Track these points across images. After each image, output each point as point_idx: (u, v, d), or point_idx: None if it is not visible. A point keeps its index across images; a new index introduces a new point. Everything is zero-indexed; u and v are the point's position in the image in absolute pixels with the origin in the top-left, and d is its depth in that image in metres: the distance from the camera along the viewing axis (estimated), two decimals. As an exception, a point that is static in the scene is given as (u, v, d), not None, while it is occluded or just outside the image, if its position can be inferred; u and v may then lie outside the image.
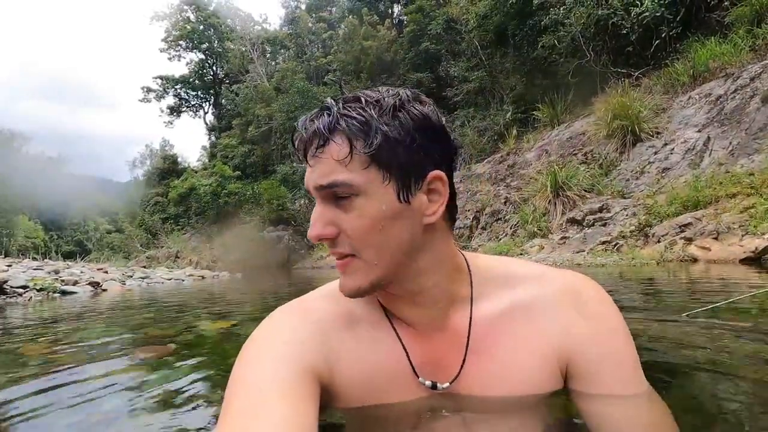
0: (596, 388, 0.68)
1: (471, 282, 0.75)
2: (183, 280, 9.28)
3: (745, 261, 4.74)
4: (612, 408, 0.66)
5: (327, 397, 0.70)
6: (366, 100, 0.63)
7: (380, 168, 0.61)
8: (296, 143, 0.66)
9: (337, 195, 0.62)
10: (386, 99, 0.63)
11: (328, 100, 0.65)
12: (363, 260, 0.65)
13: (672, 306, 2.46)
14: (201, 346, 2.01)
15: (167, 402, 1.17)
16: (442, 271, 0.71)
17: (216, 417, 1.00)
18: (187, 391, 1.27)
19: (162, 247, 25.03)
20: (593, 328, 0.70)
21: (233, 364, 0.66)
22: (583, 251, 7.09)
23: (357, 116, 0.61)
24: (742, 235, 5.18)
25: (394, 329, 0.74)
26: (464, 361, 0.72)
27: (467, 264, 0.76)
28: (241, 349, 0.68)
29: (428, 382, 0.72)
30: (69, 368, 1.60)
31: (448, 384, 0.72)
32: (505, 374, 0.71)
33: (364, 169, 0.61)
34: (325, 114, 0.63)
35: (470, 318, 0.73)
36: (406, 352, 0.73)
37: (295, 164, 22.91)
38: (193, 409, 1.11)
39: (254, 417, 0.55)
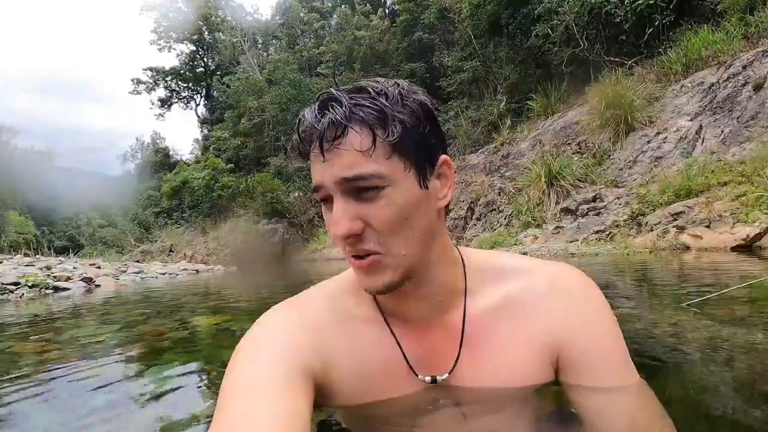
0: (585, 379, 0.68)
1: (465, 275, 0.75)
2: (177, 275, 9.23)
3: (737, 248, 4.79)
4: (601, 400, 0.67)
5: (322, 396, 0.70)
6: (372, 90, 0.62)
7: (401, 156, 0.61)
8: (305, 136, 0.62)
9: (360, 188, 0.60)
10: (389, 88, 0.63)
11: (332, 90, 0.62)
12: (391, 255, 0.63)
13: (665, 294, 2.48)
14: (195, 342, 2.01)
15: (160, 399, 1.17)
16: (445, 263, 0.72)
17: (210, 414, 1.00)
18: (180, 387, 1.27)
19: (156, 241, 24.84)
20: (581, 321, 0.70)
21: (228, 361, 0.66)
22: (577, 240, 7.13)
23: (372, 105, 0.60)
24: (734, 223, 5.22)
25: (388, 326, 0.74)
26: (459, 354, 0.73)
27: (461, 257, 0.77)
28: (236, 348, 0.68)
29: (425, 377, 0.73)
30: (61, 367, 1.59)
31: (444, 377, 0.73)
32: (498, 367, 0.72)
33: (387, 159, 0.60)
34: (335, 104, 0.60)
35: (464, 312, 0.74)
36: (401, 348, 0.73)
37: (289, 157, 22.77)
38: (187, 405, 1.10)
39: (247, 417, 0.55)
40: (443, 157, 0.67)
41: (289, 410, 0.56)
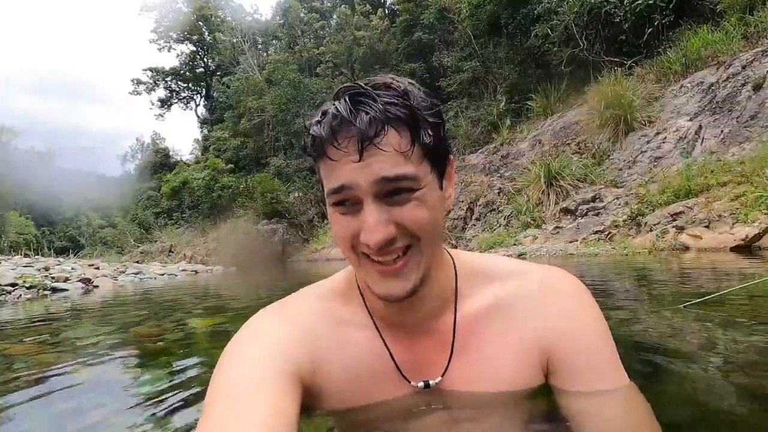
0: (575, 382, 0.68)
1: (456, 278, 0.74)
2: (176, 275, 9.23)
3: (736, 249, 4.79)
4: (591, 403, 0.66)
5: (311, 398, 0.69)
6: (397, 88, 0.59)
7: (429, 159, 0.60)
8: (336, 133, 0.56)
9: (394, 189, 0.57)
10: (408, 86, 0.61)
11: (358, 83, 0.59)
12: (419, 249, 0.61)
13: (664, 295, 2.47)
14: (191, 344, 2.00)
15: (154, 401, 1.16)
16: (441, 266, 0.71)
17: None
18: (175, 389, 1.26)
19: (155, 241, 24.87)
20: (570, 325, 0.70)
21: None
22: (576, 241, 7.12)
23: (405, 104, 0.57)
24: (733, 224, 5.21)
25: (378, 331, 0.73)
26: (450, 359, 0.72)
27: (452, 260, 0.76)
28: (224, 349, 0.67)
29: (415, 382, 0.72)
30: (56, 369, 1.58)
31: (434, 382, 0.72)
32: (489, 371, 0.71)
33: (420, 162, 0.59)
34: (369, 100, 0.56)
35: (455, 316, 0.73)
36: (390, 353, 0.72)
37: (289, 157, 22.78)
38: (181, 407, 1.09)
39: (233, 418, 0.54)
40: (450, 157, 0.67)
41: (275, 412, 0.56)
